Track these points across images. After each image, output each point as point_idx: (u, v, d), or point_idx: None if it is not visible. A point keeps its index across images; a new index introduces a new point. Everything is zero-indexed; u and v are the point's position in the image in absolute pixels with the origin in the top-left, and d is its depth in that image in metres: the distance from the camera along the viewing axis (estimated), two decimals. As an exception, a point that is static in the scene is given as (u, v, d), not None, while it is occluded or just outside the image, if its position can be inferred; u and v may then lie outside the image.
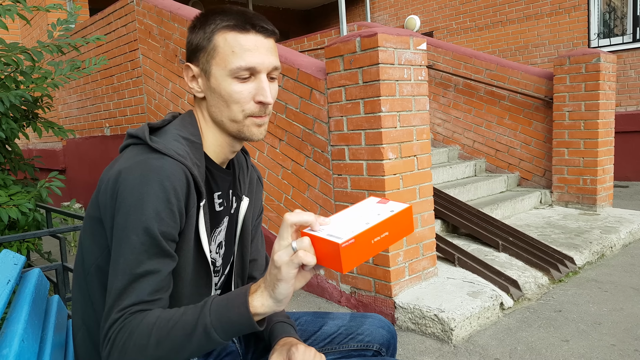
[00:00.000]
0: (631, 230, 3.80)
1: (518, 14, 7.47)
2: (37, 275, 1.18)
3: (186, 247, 0.96)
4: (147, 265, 0.88)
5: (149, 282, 0.88)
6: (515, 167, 4.82)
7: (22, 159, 3.24)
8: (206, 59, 0.99)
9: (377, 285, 2.65)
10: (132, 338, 0.84)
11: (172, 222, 0.91)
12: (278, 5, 10.33)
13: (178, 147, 0.96)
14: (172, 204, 0.90)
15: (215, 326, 0.83)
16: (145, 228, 0.88)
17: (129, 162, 0.92)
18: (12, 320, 0.94)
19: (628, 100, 6.43)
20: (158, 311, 0.87)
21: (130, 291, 0.87)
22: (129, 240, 0.88)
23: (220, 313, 0.83)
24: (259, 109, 0.99)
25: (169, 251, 0.91)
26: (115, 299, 0.87)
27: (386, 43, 2.50)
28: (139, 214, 0.88)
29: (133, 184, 0.89)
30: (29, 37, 7.18)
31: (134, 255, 0.88)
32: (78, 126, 5.91)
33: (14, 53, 2.82)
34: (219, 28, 0.98)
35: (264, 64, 0.97)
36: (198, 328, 0.83)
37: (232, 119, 1.00)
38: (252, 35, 0.97)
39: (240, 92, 0.97)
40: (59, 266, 2.13)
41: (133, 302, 0.87)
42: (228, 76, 0.97)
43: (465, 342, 2.35)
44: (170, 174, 0.91)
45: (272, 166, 3.28)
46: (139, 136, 0.97)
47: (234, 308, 0.83)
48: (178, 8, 4.05)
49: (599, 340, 2.29)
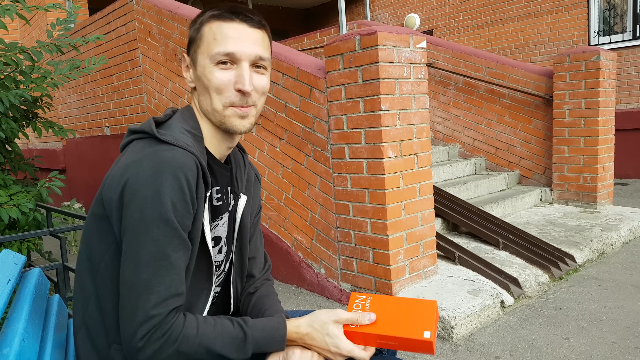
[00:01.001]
0: (631, 228, 3.80)
1: (518, 12, 7.46)
2: (38, 275, 1.18)
3: (193, 237, 0.97)
4: (172, 257, 0.89)
5: (176, 274, 0.89)
6: (515, 165, 4.82)
7: (22, 158, 3.24)
8: (194, 48, 1.02)
9: (378, 283, 2.65)
10: (176, 342, 0.89)
11: (186, 212, 0.91)
12: (278, 4, 10.32)
13: (185, 138, 0.97)
14: (185, 194, 0.91)
15: (254, 348, 0.97)
16: (166, 220, 0.88)
17: (137, 155, 0.92)
18: (13, 319, 0.93)
19: (628, 97, 6.43)
20: (202, 318, 0.95)
21: (158, 283, 0.87)
22: (150, 232, 0.87)
23: (263, 337, 0.97)
24: (240, 98, 0.99)
25: (188, 242, 0.93)
26: (141, 292, 0.87)
27: (386, 41, 2.50)
28: (157, 206, 0.88)
29: (146, 176, 0.88)
30: (28, 37, 7.17)
31: (158, 247, 0.88)
32: (78, 126, 5.91)
33: (14, 53, 2.82)
34: (206, 18, 1.00)
35: (245, 52, 0.98)
36: (239, 340, 0.95)
37: (214, 107, 1.00)
38: (236, 23, 0.98)
39: (220, 78, 0.98)
40: (60, 266, 2.13)
41: (166, 297, 0.87)
42: (210, 63, 0.98)
43: (466, 340, 2.35)
44: (182, 164, 0.91)
45: (272, 165, 3.27)
46: (144, 130, 0.97)
47: (274, 341, 0.99)
48: (177, 7, 4.05)
49: (600, 338, 2.29)
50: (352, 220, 2.74)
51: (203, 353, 0.90)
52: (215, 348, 0.91)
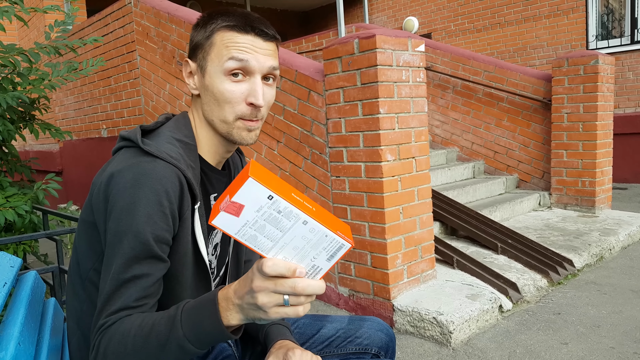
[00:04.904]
0: (630, 233, 3.80)
1: (516, 16, 7.48)
2: (34, 278, 1.17)
3: (182, 250, 0.95)
4: (135, 270, 0.87)
5: (136, 288, 0.87)
6: (513, 169, 4.82)
7: (18, 160, 3.23)
8: (203, 55, 0.99)
9: (376, 287, 2.64)
10: (111, 344, 0.83)
11: (164, 225, 0.89)
12: (276, 6, 10.33)
13: (171, 149, 0.95)
14: (164, 206, 0.89)
15: (189, 337, 0.79)
16: (136, 232, 0.87)
17: (121, 165, 0.91)
18: (8, 323, 0.92)
19: (626, 102, 6.44)
20: (136, 317, 0.85)
21: (117, 296, 0.86)
22: (121, 244, 0.87)
23: (193, 322, 0.79)
24: (250, 111, 0.97)
25: (160, 255, 0.90)
26: (103, 304, 0.86)
27: (384, 45, 2.49)
28: (130, 219, 0.87)
29: (124, 187, 0.88)
30: (26, 39, 7.16)
31: (124, 259, 0.86)
32: (75, 128, 5.89)
33: (11, 54, 2.81)
34: (219, 27, 0.97)
35: (259, 63, 0.96)
36: (171, 341, 0.80)
37: (223, 119, 0.99)
38: (251, 36, 0.96)
39: (232, 91, 0.96)
40: (56, 269, 2.11)
41: (119, 308, 0.85)
42: (221, 73, 0.96)
43: (464, 345, 2.34)
44: (162, 176, 0.90)
45: (270, 168, 3.27)
46: (131, 139, 0.96)
47: (205, 318, 0.79)
48: (176, 9, 4.04)
49: (598, 343, 2.28)
50: (350, 224, 2.73)
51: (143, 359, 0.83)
52: (145, 348, 0.82)
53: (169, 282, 0.95)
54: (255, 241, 0.73)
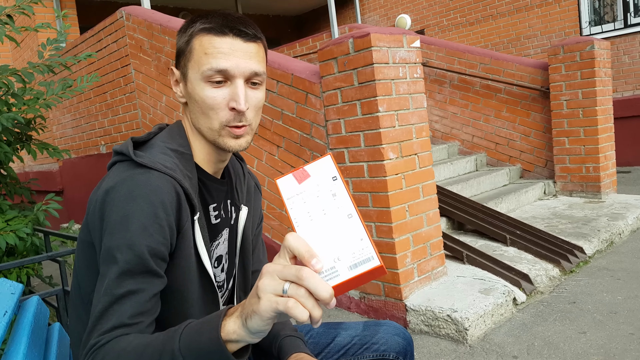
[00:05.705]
0: (638, 216, 3.76)
1: (508, 7, 7.45)
2: (36, 304, 1.13)
3: (185, 264, 0.91)
4: (129, 285, 0.81)
5: (130, 304, 0.81)
6: (516, 159, 4.78)
7: (17, 182, 3.19)
8: (184, 62, 0.96)
9: (387, 288, 2.61)
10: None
11: (161, 237, 0.85)
12: (268, 12, 10.32)
13: (165, 159, 0.91)
14: (160, 218, 0.85)
15: (184, 353, 0.72)
16: (130, 245, 0.82)
17: (115, 180, 0.88)
18: (11, 353, 0.89)
19: (624, 85, 6.41)
20: (133, 336, 0.79)
21: (110, 313, 0.80)
22: (114, 259, 0.82)
23: (191, 337, 0.73)
24: (234, 117, 0.93)
25: (156, 270, 0.85)
26: (94, 322, 0.80)
27: (379, 43, 2.46)
28: (124, 231, 0.83)
29: (119, 201, 0.84)
30: (20, 59, 7.14)
31: (117, 274, 0.81)
32: (74, 145, 5.87)
33: (5, 75, 2.78)
34: (197, 30, 0.93)
35: (239, 68, 0.91)
36: (165, 355, 0.73)
37: (209, 126, 0.95)
38: (229, 38, 0.92)
39: (213, 97, 0.92)
40: (60, 291, 2.07)
41: (112, 326, 0.79)
42: (201, 80, 0.92)
43: (481, 341, 2.30)
44: (156, 187, 0.86)
45: (272, 174, 3.23)
46: (123, 152, 0.92)
47: (205, 332, 0.72)
48: (168, 21, 4.02)
49: (617, 330, 2.24)
50: (357, 225, 2.69)
51: None
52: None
53: (174, 298, 0.91)
54: (297, 211, 0.71)
